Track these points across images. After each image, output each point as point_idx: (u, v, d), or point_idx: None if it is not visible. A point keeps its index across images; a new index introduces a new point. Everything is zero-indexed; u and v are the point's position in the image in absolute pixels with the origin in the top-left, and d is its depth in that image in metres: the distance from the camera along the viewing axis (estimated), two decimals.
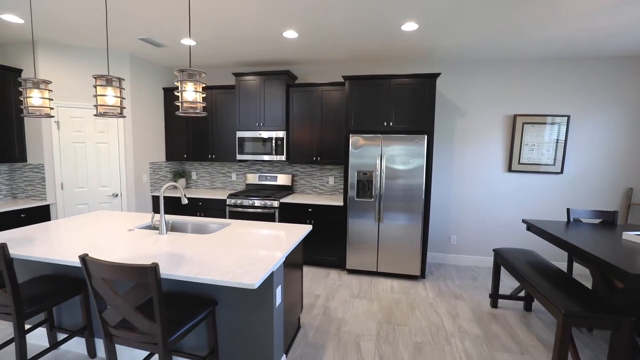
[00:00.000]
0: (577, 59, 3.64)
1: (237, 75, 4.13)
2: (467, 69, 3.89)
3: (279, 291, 1.96)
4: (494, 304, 3.04)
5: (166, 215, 2.90)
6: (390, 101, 3.56)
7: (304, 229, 2.49)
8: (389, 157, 3.54)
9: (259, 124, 4.14)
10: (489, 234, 4.06)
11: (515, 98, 3.81)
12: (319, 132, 4.04)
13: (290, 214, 3.93)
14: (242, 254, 1.90)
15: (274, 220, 3.95)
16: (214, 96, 4.35)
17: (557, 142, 3.74)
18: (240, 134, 4.20)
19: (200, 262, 1.76)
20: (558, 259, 3.93)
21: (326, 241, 3.89)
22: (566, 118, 3.68)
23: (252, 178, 4.57)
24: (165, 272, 1.61)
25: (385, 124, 3.60)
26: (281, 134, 4.07)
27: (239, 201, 4.03)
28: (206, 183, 4.88)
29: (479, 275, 3.83)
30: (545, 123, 3.74)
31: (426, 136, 3.45)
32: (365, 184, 3.65)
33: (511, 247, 3.10)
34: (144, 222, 2.65)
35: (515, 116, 3.78)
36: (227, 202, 4.07)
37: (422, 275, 3.66)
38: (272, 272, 1.84)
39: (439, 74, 3.38)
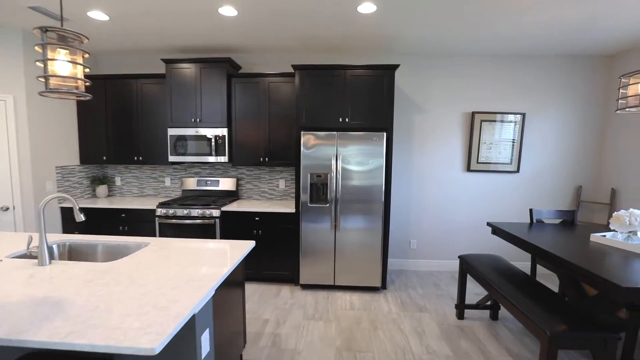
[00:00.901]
0: (532, 56, 3.59)
1: (168, 62, 3.49)
2: (426, 63, 3.67)
3: (205, 338, 1.45)
4: (460, 315, 2.81)
5: (68, 236, 2.22)
6: (346, 95, 3.20)
7: (245, 247, 2.00)
8: (345, 157, 3.17)
9: (195, 120, 3.54)
10: (449, 236, 3.88)
11: (473, 95, 3.68)
12: (266, 130, 3.55)
13: (234, 225, 3.39)
14: (149, 292, 1.36)
15: (214, 233, 3.37)
16: (140, 86, 3.65)
17: (513, 140, 3.67)
18: (172, 131, 3.56)
19: (80, 313, 1.19)
20: (519, 259, 3.88)
21: (277, 254, 3.41)
22: (521, 116, 3.62)
23: (190, 183, 3.93)
24: (14, 335, 1.03)
25: (340, 120, 3.23)
26: (222, 131, 3.51)
27: (171, 211, 3.38)
28: (134, 190, 4.12)
29: (441, 280, 3.62)
30: (502, 121, 3.65)
31: (385, 134, 3.14)
32: (319, 187, 3.24)
33: (476, 253, 2.90)
34: (23, 249, 1.96)
35: (473, 113, 3.64)
36: (157, 213, 3.40)
37: (383, 286, 3.34)
38: (194, 315, 1.33)
39: (398, 65, 3.09)
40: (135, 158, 3.73)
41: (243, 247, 1.98)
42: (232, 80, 3.53)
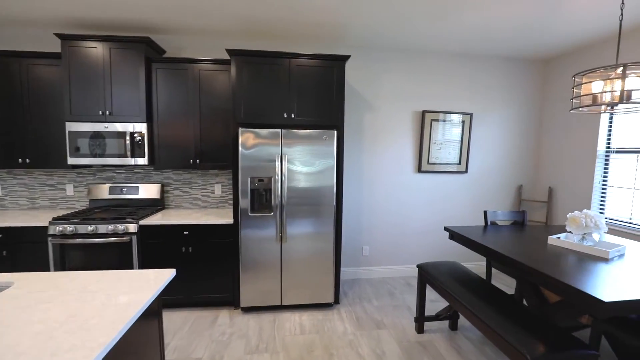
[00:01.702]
0: (478, 57, 3.58)
1: (65, 38, 2.74)
2: (376, 57, 3.44)
3: None
4: (420, 329, 2.59)
5: None
6: (292, 88, 2.80)
7: (160, 279, 1.48)
8: (291, 157, 2.77)
9: (104, 113, 2.84)
10: (402, 240, 3.71)
11: (423, 93, 3.55)
12: (197, 127, 3.00)
13: (157, 242, 2.77)
14: None
15: (130, 254, 2.71)
16: (27, 68, 2.82)
17: (461, 140, 3.62)
18: (73, 126, 2.81)
19: None
20: (473, 259, 3.85)
21: (212, 273, 2.87)
22: (469, 116, 3.59)
23: (101, 191, 3.18)
24: None
25: (285, 116, 2.82)
26: (141, 127, 2.86)
27: (70, 228, 2.64)
28: (22, 201, 3.22)
29: (395, 288, 3.42)
30: (451, 121, 3.58)
31: (336, 132, 2.82)
32: (262, 193, 2.79)
33: (435, 262, 2.71)
34: None
35: (424, 112, 3.51)
36: (51, 231, 2.63)
37: (336, 301, 3.01)
38: None
39: (348, 57, 2.78)
40: (20, 160, 2.88)
41: (159, 279, 1.47)
42: (153, 66, 2.90)
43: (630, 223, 2.85)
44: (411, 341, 2.48)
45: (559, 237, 2.23)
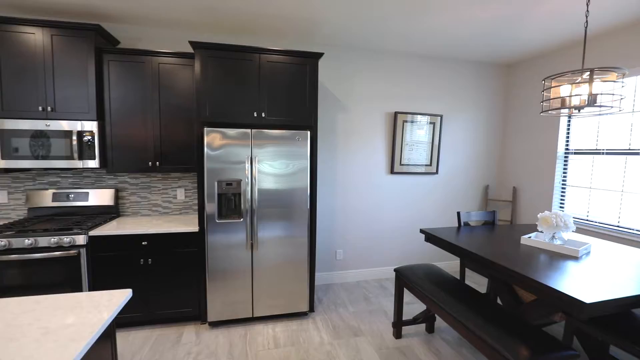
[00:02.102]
0: (448, 59, 3.63)
1: None
2: (349, 57, 3.36)
3: None
4: (398, 334, 2.53)
5: None
6: (262, 85, 2.64)
7: (113, 302, 1.26)
8: (262, 159, 2.61)
9: (44, 109, 2.48)
10: (376, 242, 3.67)
11: (396, 94, 3.53)
12: (157, 126, 2.73)
13: (111, 255, 2.47)
14: None
15: (78, 270, 2.39)
16: None
17: (432, 142, 3.65)
18: (4, 124, 2.43)
19: None
20: (445, 258, 3.89)
21: (175, 286, 2.62)
22: (439, 118, 3.63)
23: (43, 198, 2.79)
24: None
25: (255, 115, 2.65)
26: (91, 126, 2.55)
27: (2, 242, 2.27)
28: None
29: (370, 292, 3.36)
30: (422, 122, 3.59)
31: (309, 132, 2.69)
32: (230, 197, 2.60)
33: (411, 265, 2.68)
34: None
35: (396, 114, 3.49)
36: None
37: (311, 309, 2.89)
38: None
39: (322, 54, 2.67)
40: None
41: (108, 305, 1.25)
42: (105, 57, 2.60)
43: (587, 220, 3.02)
44: (390, 347, 2.41)
45: (530, 237, 2.27)
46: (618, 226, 2.78)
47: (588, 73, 1.89)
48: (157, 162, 2.74)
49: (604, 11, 2.41)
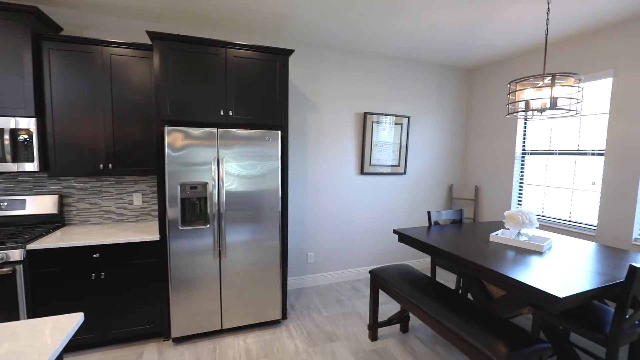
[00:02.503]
0: (416, 61, 3.70)
1: None
2: (319, 56, 3.29)
3: None
4: (374, 336, 2.51)
5: None
6: (229, 82, 2.48)
7: (61, 331, 1.07)
8: (230, 160, 2.45)
9: None
10: (347, 244, 3.64)
11: (365, 94, 3.52)
12: (110, 124, 2.45)
13: (55, 271, 2.17)
14: None
15: (14, 290, 2.06)
16: None
17: (400, 142, 3.70)
18: None
19: None
20: (415, 257, 3.96)
21: (134, 301, 2.37)
22: (407, 119, 3.69)
23: None
24: None
25: (222, 113, 2.48)
26: (28, 123, 2.22)
27: None
28: None
29: (342, 294, 3.32)
30: (391, 123, 3.63)
31: (280, 132, 2.58)
32: (195, 202, 2.41)
33: (386, 265, 2.67)
34: None
35: (365, 114, 3.49)
36: None
37: (284, 316, 2.77)
38: None
39: (292, 51, 2.57)
40: None
41: (53, 337, 1.05)
42: (45, 45, 2.28)
43: (543, 216, 3.23)
44: (367, 351, 2.38)
45: (497, 234, 2.36)
46: (570, 221, 3.00)
47: (550, 78, 1.99)
48: (110, 165, 2.47)
49: (562, 20, 2.57)
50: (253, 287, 2.59)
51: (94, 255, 2.24)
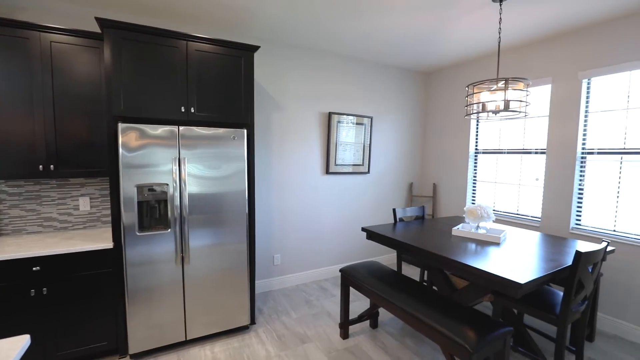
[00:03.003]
0: (378, 64, 3.79)
1: None
2: (284, 54, 3.23)
3: None
4: (345, 334, 2.52)
5: None
6: (191, 77, 2.33)
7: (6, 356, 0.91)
8: (192, 161, 2.30)
9: None
10: (313, 244, 3.62)
11: (330, 94, 3.54)
12: (51, 120, 2.18)
13: None
14: None
15: None
16: None
17: (364, 142, 3.78)
18: None
19: None
20: (379, 253, 4.04)
21: (85, 317, 2.13)
22: (370, 119, 3.78)
23: None
24: None
25: (183, 110, 2.32)
26: None
27: None
28: None
29: (310, 295, 3.29)
30: (355, 123, 3.69)
31: (246, 131, 2.49)
32: (153, 205, 2.23)
33: (355, 263, 2.69)
34: None
35: (330, 114, 3.50)
36: None
37: (252, 321, 2.67)
38: None
39: (258, 47, 2.49)
40: None
41: None
42: None
43: (495, 210, 3.49)
44: (339, 349, 2.38)
45: (459, 228, 2.50)
46: (517, 214, 3.29)
47: (503, 82, 2.15)
48: (52, 166, 2.19)
49: (511, 30, 2.80)
50: (219, 293, 2.46)
51: (34, 269, 1.97)
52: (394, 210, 2.93)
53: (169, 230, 2.26)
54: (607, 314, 2.66)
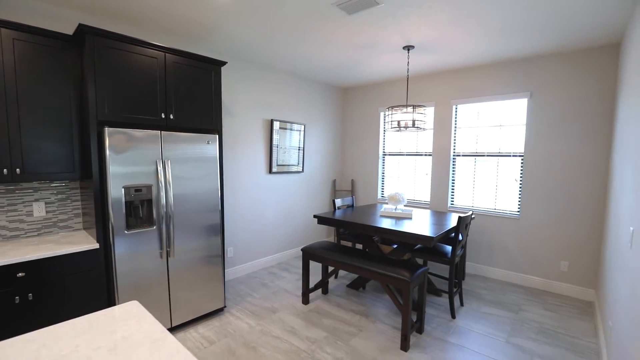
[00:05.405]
0: (309, 79, 4.48)
1: None
2: (235, 66, 3.59)
3: None
4: (306, 301, 3.14)
5: None
6: (169, 86, 2.56)
7: None
8: (174, 163, 2.55)
9: None
10: (260, 236, 4.08)
11: (272, 103, 4.05)
12: (10, 123, 2.10)
13: None
14: None
15: None
16: None
17: (299, 146, 4.43)
18: None
19: None
20: (317, 238, 4.71)
21: (74, 317, 2.14)
22: (304, 126, 4.45)
23: None
24: None
25: (163, 116, 2.54)
26: None
27: None
28: None
29: (264, 279, 3.77)
30: (293, 129, 4.30)
31: (217, 136, 2.84)
32: (137, 205, 2.40)
33: (312, 243, 3.32)
34: None
35: (272, 120, 4.03)
36: None
37: (224, 304, 3.01)
38: None
39: (225, 62, 2.87)
40: None
41: None
42: None
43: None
44: (305, 312, 2.98)
45: (384, 209, 3.43)
46: (414, 199, 4.50)
47: (412, 107, 3.15)
48: (18, 169, 2.11)
49: (412, 67, 3.90)
50: (199, 282, 2.74)
51: (18, 275, 1.93)
52: (333, 201, 3.69)
53: (154, 227, 2.46)
54: (472, 261, 4.04)
